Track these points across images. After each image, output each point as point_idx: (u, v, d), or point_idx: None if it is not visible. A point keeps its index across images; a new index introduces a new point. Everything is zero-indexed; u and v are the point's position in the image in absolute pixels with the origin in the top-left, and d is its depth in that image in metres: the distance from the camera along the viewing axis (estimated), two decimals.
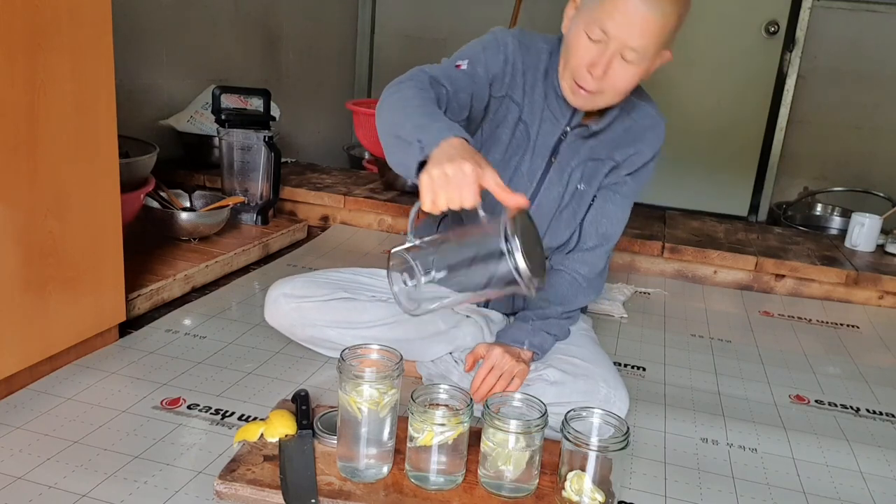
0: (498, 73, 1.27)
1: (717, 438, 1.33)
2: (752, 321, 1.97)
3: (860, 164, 3.40)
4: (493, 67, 1.27)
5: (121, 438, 1.16)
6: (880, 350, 1.85)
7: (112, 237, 1.42)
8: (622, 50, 1.15)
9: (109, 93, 1.35)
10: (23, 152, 1.18)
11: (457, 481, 1.05)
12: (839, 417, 1.46)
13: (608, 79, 1.18)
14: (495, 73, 1.27)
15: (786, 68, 3.41)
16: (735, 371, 1.63)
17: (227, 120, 2.17)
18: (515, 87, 1.30)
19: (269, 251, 2.14)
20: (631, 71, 1.18)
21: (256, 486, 1.01)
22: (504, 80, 1.29)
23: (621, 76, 1.18)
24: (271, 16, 3.08)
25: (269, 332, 1.59)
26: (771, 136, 3.50)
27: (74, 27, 1.25)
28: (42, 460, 1.08)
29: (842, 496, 1.19)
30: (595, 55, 1.17)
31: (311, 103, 3.48)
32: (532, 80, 1.30)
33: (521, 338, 1.32)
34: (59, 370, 1.34)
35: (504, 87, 1.29)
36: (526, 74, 1.30)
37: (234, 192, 2.21)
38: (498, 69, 1.27)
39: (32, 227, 1.22)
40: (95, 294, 1.39)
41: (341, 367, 1.02)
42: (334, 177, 2.69)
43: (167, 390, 1.32)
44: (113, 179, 1.39)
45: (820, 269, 2.16)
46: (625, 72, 1.18)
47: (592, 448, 0.99)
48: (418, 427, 1.02)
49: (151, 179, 1.87)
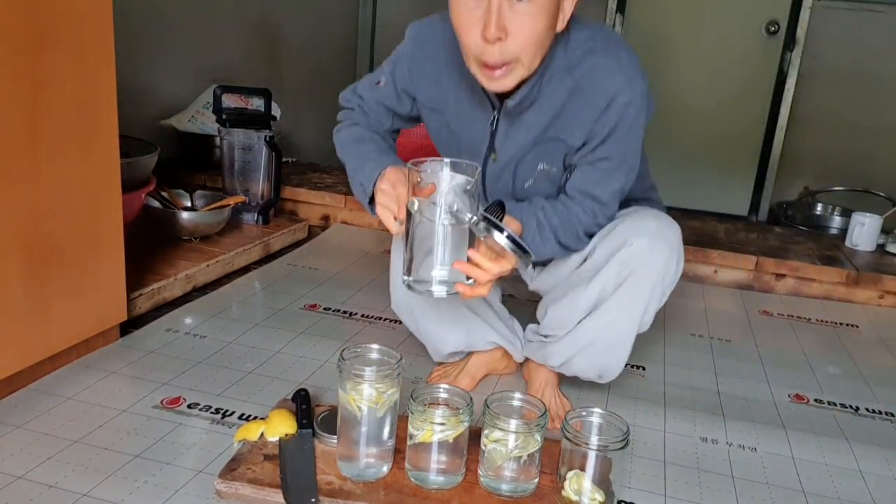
0: (405, 83, 1.27)
1: (717, 438, 1.33)
2: (752, 321, 1.97)
3: (860, 163, 3.40)
4: (400, 79, 1.27)
5: (121, 438, 1.16)
6: (880, 350, 1.85)
7: (113, 237, 1.42)
8: None
9: (110, 92, 1.35)
10: (24, 152, 1.18)
11: (457, 480, 1.05)
12: (839, 417, 1.46)
13: (510, 36, 1.01)
14: (404, 84, 1.27)
15: (786, 68, 3.41)
16: (735, 370, 1.64)
17: (228, 119, 2.17)
18: (422, 92, 1.26)
19: (269, 251, 2.14)
20: (529, 12, 1.01)
21: (257, 486, 1.01)
22: (414, 88, 1.26)
23: (521, 24, 1.01)
24: (272, 15, 3.08)
25: (269, 332, 1.60)
26: (771, 136, 3.50)
27: (75, 27, 1.25)
28: (42, 459, 1.09)
29: (841, 495, 1.19)
30: (481, 14, 1.01)
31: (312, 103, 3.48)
32: (436, 74, 1.23)
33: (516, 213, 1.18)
34: (60, 369, 1.35)
35: (414, 90, 1.27)
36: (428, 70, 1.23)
37: (235, 192, 2.21)
38: (404, 79, 1.26)
39: (34, 226, 1.22)
40: (96, 293, 1.39)
41: (341, 366, 1.02)
42: (335, 176, 2.69)
43: (168, 389, 1.32)
44: (114, 179, 1.40)
45: (820, 268, 2.16)
46: (526, 18, 1.01)
47: (592, 447, 0.99)
48: (418, 426, 1.02)
49: (152, 179, 1.87)
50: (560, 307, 1.28)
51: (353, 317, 1.73)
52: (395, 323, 1.71)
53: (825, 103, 3.41)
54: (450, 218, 1.01)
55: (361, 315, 1.75)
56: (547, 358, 1.33)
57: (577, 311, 1.25)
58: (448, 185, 1.01)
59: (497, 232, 1.01)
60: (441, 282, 1.04)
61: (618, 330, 1.24)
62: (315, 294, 1.85)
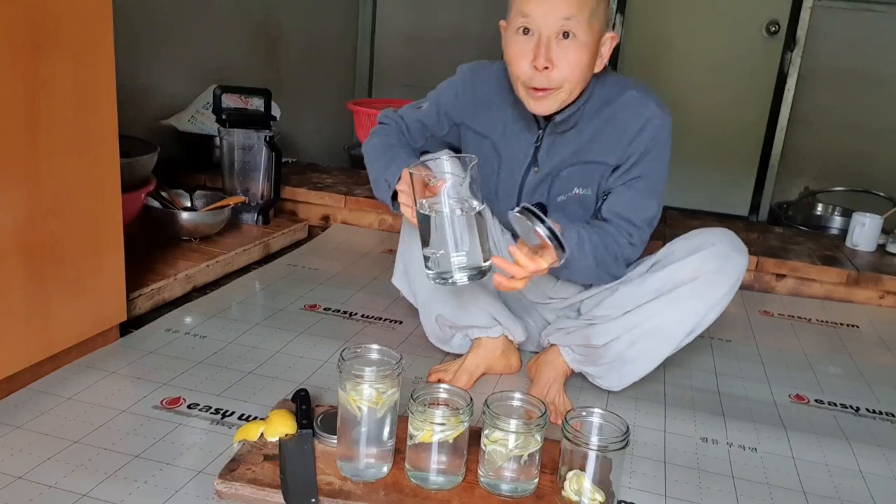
0: (450, 107, 1.41)
1: (717, 438, 1.33)
2: (752, 321, 1.97)
3: (861, 163, 3.40)
4: (444, 104, 1.42)
5: (121, 438, 1.16)
6: (880, 350, 1.85)
7: (113, 237, 1.42)
8: (554, 28, 1.17)
9: (110, 92, 1.35)
10: (24, 152, 1.18)
11: (457, 481, 1.05)
12: (839, 417, 1.46)
13: (557, 66, 1.19)
14: (447, 108, 1.42)
15: (786, 68, 3.41)
16: (735, 370, 1.63)
17: (227, 120, 2.17)
18: (469, 115, 1.40)
19: (269, 251, 2.14)
20: (575, 49, 1.18)
21: (257, 486, 1.01)
22: (458, 111, 1.41)
23: (569, 59, 1.19)
24: (272, 16, 3.08)
25: (269, 332, 1.60)
26: (772, 136, 3.50)
27: (75, 27, 1.25)
28: (42, 460, 1.09)
29: (841, 496, 1.19)
30: (532, 47, 1.19)
31: (312, 103, 3.48)
32: (488, 102, 1.38)
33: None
34: (60, 370, 1.35)
35: (460, 116, 1.41)
36: (479, 100, 1.39)
37: (235, 192, 2.21)
38: (449, 104, 1.41)
39: (33, 226, 1.22)
40: (96, 294, 1.39)
41: (341, 366, 1.02)
42: (335, 176, 2.69)
43: (167, 390, 1.32)
44: (114, 179, 1.40)
45: (820, 268, 2.16)
46: (570, 53, 1.18)
47: (592, 448, 0.99)
48: (418, 426, 1.02)
49: (152, 179, 1.87)
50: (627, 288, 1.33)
51: (353, 317, 1.73)
52: (395, 323, 1.71)
53: (825, 103, 3.41)
54: (459, 205, 1.07)
55: (361, 315, 1.75)
56: (590, 337, 1.34)
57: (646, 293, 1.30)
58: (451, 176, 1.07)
59: (539, 223, 1.06)
60: (461, 269, 1.08)
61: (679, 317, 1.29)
62: (315, 294, 1.85)
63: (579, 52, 1.18)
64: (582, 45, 1.18)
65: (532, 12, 1.17)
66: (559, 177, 1.35)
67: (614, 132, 1.30)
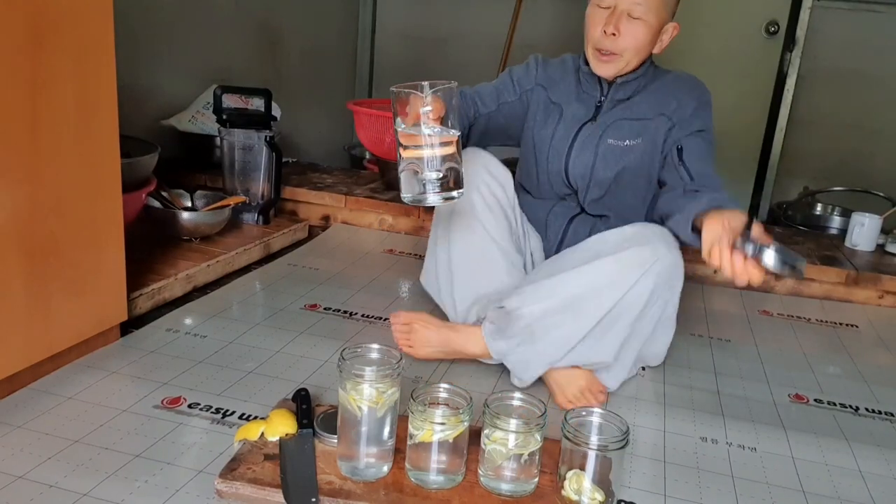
0: (522, 77, 1.62)
1: (717, 437, 1.33)
2: (751, 321, 1.97)
3: (860, 163, 3.40)
4: (517, 74, 1.63)
5: (121, 437, 1.16)
6: (880, 349, 1.85)
7: (113, 237, 1.42)
8: (628, 9, 1.41)
9: (111, 92, 1.35)
10: (24, 152, 1.19)
11: (457, 480, 1.06)
12: (838, 416, 1.46)
13: (623, 37, 1.43)
14: (520, 78, 1.62)
15: (786, 68, 3.41)
16: (734, 370, 1.64)
17: (228, 120, 2.17)
18: (542, 79, 1.61)
19: (270, 251, 2.15)
20: (640, 27, 1.43)
21: (257, 485, 1.02)
22: (530, 78, 1.62)
23: (633, 33, 1.43)
24: (272, 16, 3.08)
25: (269, 332, 1.60)
26: (771, 136, 3.49)
27: (76, 27, 1.25)
28: (43, 459, 1.09)
29: (841, 495, 1.19)
30: (605, 17, 1.43)
31: (312, 103, 3.48)
32: (558, 74, 1.61)
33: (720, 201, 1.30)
34: (61, 369, 1.35)
35: (532, 81, 1.62)
36: (551, 72, 1.61)
37: (236, 192, 2.21)
38: (522, 73, 1.63)
39: (34, 226, 1.23)
40: (97, 293, 1.39)
41: (341, 365, 1.02)
42: (335, 176, 2.69)
43: (168, 389, 1.32)
44: (114, 179, 1.40)
45: (820, 268, 2.16)
46: (635, 28, 1.43)
47: (592, 447, 0.99)
48: (418, 426, 1.02)
49: (153, 179, 1.88)
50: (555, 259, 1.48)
51: (353, 317, 1.73)
52: None
53: (825, 104, 3.41)
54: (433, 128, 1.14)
55: (361, 315, 1.75)
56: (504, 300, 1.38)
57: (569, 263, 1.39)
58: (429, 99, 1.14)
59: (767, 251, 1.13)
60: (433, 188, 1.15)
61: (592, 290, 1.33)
62: (315, 294, 1.86)
63: (642, 30, 1.43)
64: (646, 25, 1.43)
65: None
66: (612, 126, 1.52)
67: (665, 95, 1.52)
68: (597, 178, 1.54)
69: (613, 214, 1.57)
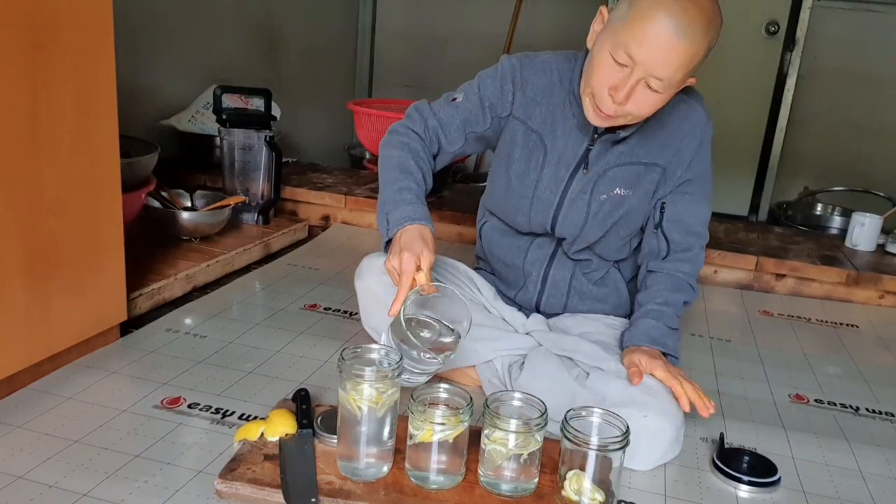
0: (495, 98, 1.37)
1: (717, 438, 1.33)
2: (751, 321, 1.97)
3: (860, 163, 3.40)
4: (488, 94, 1.37)
5: (121, 437, 1.16)
6: (880, 349, 1.85)
7: (113, 237, 1.42)
8: (647, 78, 1.15)
9: (110, 92, 1.35)
10: (24, 152, 1.19)
11: (457, 480, 1.05)
12: (839, 417, 1.46)
13: (630, 105, 1.18)
14: (492, 100, 1.37)
15: (786, 68, 3.42)
16: (735, 370, 1.64)
17: (228, 120, 2.18)
18: (521, 109, 1.36)
19: (269, 251, 2.15)
20: (654, 98, 1.18)
21: (257, 486, 1.01)
22: (504, 102, 1.37)
23: (643, 103, 1.18)
24: (272, 16, 3.08)
25: (269, 332, 1.60)
26: (771, 136, 3.50)
27: (75, 26, 1.25)
28: (43, 459, 1.09)
29: (841, 495, 1.19)
30: (619, 79, 1.16)
31: (312, 103, 3.48)
32: (539, 90, 1.35)
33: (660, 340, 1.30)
34: (61, 369, 1.35)
35: (506, 108, 1.37)
36: (531, 94, 1.35)
37: (236, 192, 2.21)
38: (495, 94, 1.37)
39: (34, 226, 1.23)
40: (96, 293, 1.39)
41: (341, 366, 1.02)
42: (335, 176, 2.69)
43: (168, 389, 1.32)
44: (114, 179, 1.40)
45: (820, 268, 2.16)
46: (648, 99, 1.18)
47: (592, 447, 0.99)
48: (418, 426, 1.02)
49: (153, 179, 1.88)
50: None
51: (353, 317, 1.73)
52: None
53: (825, 103, 3.41)
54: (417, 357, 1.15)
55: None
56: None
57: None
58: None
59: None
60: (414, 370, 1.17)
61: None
62: (315, 294, 1.86)
63: (656, 100, 1.19)
64: (662, 98, 1.19)
65: (638, 59, 1.13)
66: (604, 176, 1.35)
67: (663, 135, 1.34)
68: (585, 236, 1.40)
69: (596, 258, 1.46)
